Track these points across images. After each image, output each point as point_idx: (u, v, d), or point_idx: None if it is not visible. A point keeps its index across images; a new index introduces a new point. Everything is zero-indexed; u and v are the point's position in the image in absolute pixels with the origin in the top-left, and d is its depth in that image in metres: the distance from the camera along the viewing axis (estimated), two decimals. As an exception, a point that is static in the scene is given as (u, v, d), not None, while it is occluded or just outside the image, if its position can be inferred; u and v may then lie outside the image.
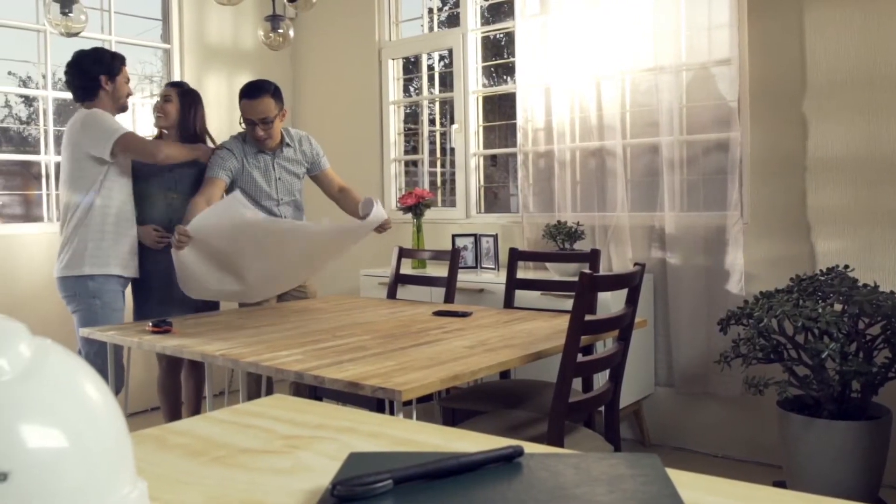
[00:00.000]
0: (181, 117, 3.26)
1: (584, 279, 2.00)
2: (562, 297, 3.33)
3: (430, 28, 4.78)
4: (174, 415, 3.37)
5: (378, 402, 2.63)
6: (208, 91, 4.75)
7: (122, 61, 3.15)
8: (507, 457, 0.78)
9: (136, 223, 3.14)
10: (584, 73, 3.71)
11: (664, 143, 3.50)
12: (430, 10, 4.78)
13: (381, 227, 3.01)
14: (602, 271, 3.33)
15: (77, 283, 2.99)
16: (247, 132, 3.18)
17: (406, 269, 3.84)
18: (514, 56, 4.06)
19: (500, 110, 4.54)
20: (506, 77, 4.60)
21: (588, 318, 2.02)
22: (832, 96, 3.15)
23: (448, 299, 3.26)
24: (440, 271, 3.60)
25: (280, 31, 3.65)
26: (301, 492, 0.76)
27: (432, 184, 4.73)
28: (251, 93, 3.11)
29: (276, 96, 3.13)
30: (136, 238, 3.13)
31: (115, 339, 2.55)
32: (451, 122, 4.50)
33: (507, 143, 4.39)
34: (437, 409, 2.85)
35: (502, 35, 4.62)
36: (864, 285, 2.76)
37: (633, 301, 2.26)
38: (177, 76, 4.62)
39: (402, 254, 3.55)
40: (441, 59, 4.90)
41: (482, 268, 3.97)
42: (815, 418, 2.73)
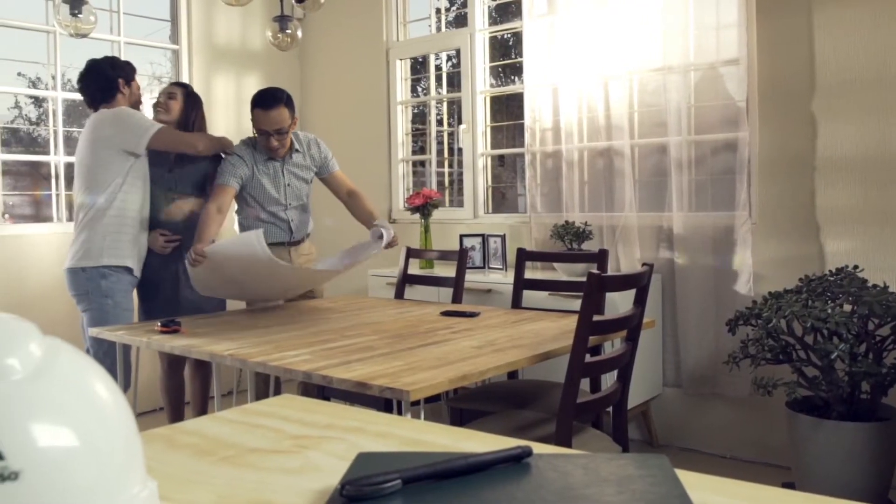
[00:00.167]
0: (183, 116, 3.29)
1: (593, 279, 2.00)
2: (570, 298, 3.32)
3: (438, 28, 4.78)
4: (177, 414, 3.38)
5: (386, 403, 2.64)
6: (216, 91, 4.77)
7: (134, 69, 3.27)
8: (515, 457, 0.78)
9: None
10: (592, 73, 3.70)
11: (672, 143, 3.49)
12: (438, 11, 4.78)
13: (390, 245, 3.04)
14: (610, 271, 3.32)
15: (90, 280, 2.99)
16: (259, 142, 3.16)
17: (414, 269, 3.84)
18: (521, 56, 4.05)
19: (507, 110, 4.53)
20: (513, 77, 4.60)
21: (596, 318, 2.01)
22: (841, 96, 3.14)
23: (456, 299, 3.25)
24: (448, 271, 3.59)
25: (288, 31, 3.65)
26: (310, 492, 0.77)
27: (440, 184, 4.73)
28: (265, 102, 3.05)
29: (289, 105, 3.10)
30: (146, 242, 3.16)
31: (124, 338, 2.55)
32: (459, 123, 4.50)
33: (515, 144, 4.39)
34: (445, 410, 2.85)
35: (510, 35, 4.62)
36: (874, 286, 2.74)
37: (641, 301, 2.25)
38: (185, 77, 4.64)
39: (410, 254, 3.55)
40: (449, 59, 4.90)
41: (490, 268, 3.97)
42: (825, 419, 2.72)
